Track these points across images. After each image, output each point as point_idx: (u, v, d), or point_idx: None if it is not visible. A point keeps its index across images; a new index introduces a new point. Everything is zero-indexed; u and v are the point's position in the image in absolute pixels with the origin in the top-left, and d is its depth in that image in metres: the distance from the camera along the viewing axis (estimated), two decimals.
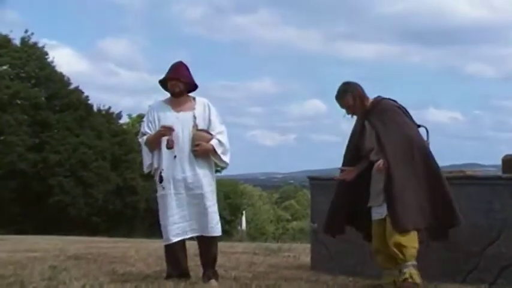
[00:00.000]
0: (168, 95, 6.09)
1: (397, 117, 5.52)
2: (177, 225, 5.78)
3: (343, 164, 5.74)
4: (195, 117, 5.92)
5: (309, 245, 7.87)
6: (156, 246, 10.32)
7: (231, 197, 53.59)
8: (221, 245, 6.69)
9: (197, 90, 6.15)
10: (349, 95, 5.54)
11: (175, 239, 5.81)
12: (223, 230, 6.12)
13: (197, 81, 6.08)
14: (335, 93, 5.63)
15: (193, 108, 5.98)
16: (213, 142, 5.88)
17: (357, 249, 6.47)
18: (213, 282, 5.81)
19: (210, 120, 5.97)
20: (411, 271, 5.28)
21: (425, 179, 5.30)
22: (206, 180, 5.88)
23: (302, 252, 9.10)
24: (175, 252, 5.93)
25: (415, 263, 5.31)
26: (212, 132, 5.92)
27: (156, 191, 6.03)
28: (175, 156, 5.82)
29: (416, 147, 5.36)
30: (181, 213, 5.79)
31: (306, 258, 7.81)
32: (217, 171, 6.50)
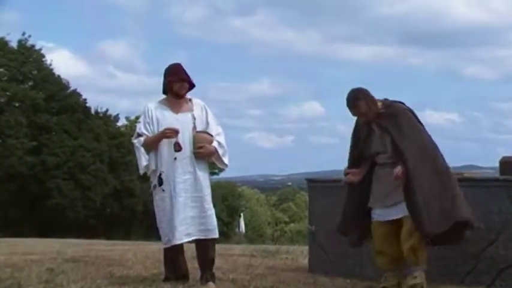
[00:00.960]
0: (163, 96, 6.05)
1: (410, 121, 5.47)
2: (177, 228, 5.73)
3: (349, 166, 5.68)
4: (194, 118, 5.89)
5: (306, 247, 7.85)
6: (154, 248, 10.29)
7: (229, 199, 53.56)
8: (219, 248, 6.68)
9: (196, 92, 6.13)
10: (362, 102, 5.40)
11: (176, 242, 5.77)
12: (221, 233, 6.10)
13: (196, 83, 6.05)
14: (346, 102, 5.47)
15: (192, 110, 5.95)
16: (214, 144, 5.87)
17: (354, 251, 6.43)
18: (210, 284, 5.78)
19: (207, 122, 5.94)
20: (422, 275, 5.30)
21: (446, 180, 5.32)
22: (205, 183, 5.87)
23: (300, 254, 9.09)
24: (175, 255, 5.92)
25: (425, 267, 5.34)
26: (211, 134, 5.90)
27: (151, 193, 6.00)
28: (175, 158, 5.78)
29: (432, 151, 5.37)
30: (180, 216, 5.74)
31: (304, 261, 7.80)
32: (214, 173, 6.49)
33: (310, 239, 7.37)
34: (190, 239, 5.84)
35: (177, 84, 5.90)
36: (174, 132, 5.73)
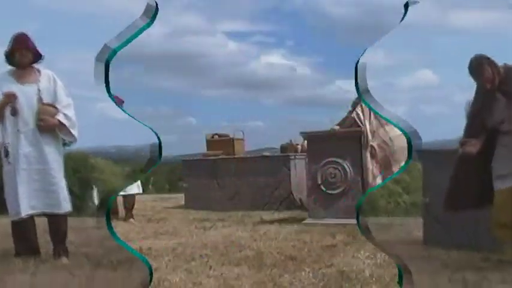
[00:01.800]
0: (12, 67, 5.83)
1: None
2: (21, 200, 5.61)
3: (466, 137, 5.31)
4: (39, 90, 5.73)
5: (421, 220, 7.45)
6: (3, 222, 9.92)
7: (81, 170, 52.19)
8: (72, 221, 6.54)
9: (43, 64, 5.94)
10: (486, 67, 5.04)
11: (21, 215, 5.63)
12: (74, 205, 5.99)
13: (45, 53, 5.89)
14: (468, 68, 5.13)
15: (38, 81, 5.78)
16: (59, 116, 5.73)
17: (470, 222, 6.10)
18: (63, 259, 5.72)
19: (55, 93, 5.79)
20: None
21: None
22: (52, 156, 5.74)
23: (415, 226, 8.46)
24: (24, 229, 5.77)
25: None
26: (58, 106, 5.75)
27: (1, 166, 5.82)
28: (18, 130, 5.63)
29: None
30: (23, 188, 5.62)
31: (419, 233, 7.45)
32: (65, 144, 6.30)
33: (424, 211, 7.08)
34: (35, 212, 5.73)
35: (18, 52, 5.74)
36: (11, 96, 5.60)
